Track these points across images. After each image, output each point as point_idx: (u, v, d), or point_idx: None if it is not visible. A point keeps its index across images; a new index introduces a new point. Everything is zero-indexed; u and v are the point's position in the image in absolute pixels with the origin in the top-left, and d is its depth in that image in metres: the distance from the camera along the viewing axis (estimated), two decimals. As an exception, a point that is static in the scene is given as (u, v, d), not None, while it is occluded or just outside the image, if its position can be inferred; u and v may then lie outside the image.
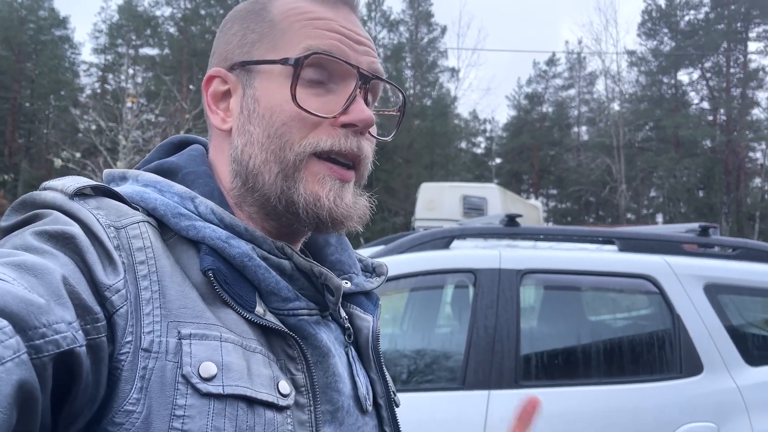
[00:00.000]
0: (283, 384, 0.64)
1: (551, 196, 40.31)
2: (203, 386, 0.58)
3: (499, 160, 41.30)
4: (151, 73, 32.53)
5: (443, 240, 2.70)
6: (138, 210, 0.67)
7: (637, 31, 36.40)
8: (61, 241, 0.58)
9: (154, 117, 18.91)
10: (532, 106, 40.25)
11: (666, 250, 2.75)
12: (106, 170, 0.77)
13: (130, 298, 0.59)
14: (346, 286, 0.79)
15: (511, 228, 2.84)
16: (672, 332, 2.54)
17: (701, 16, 35.34)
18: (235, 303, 0.65)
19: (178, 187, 0.71)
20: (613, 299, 2.92)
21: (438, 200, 14.05)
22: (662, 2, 36.01)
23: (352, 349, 0.79)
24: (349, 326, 0.79)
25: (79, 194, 0.64)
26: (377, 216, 30.13)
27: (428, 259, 2.62)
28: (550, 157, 38.70)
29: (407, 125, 31.61)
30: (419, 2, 37.28)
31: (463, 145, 41.21)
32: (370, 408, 0.76)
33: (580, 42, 43.26)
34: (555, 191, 39.92)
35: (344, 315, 0.79)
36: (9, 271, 0.51)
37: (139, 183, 0.72)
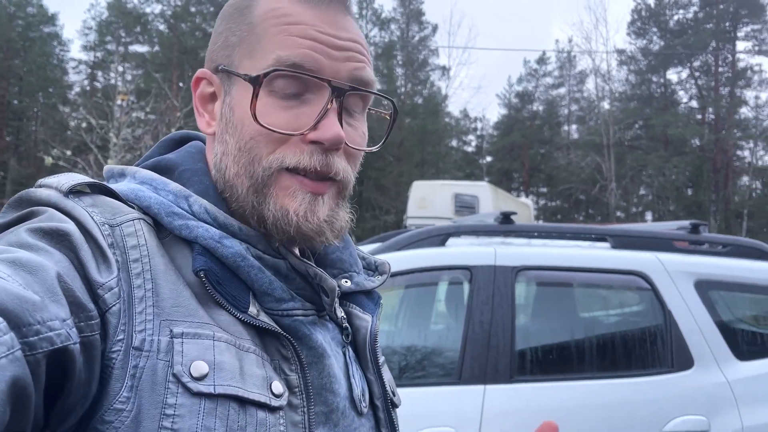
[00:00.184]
0: (276, 384, 0.64)
1: (541, 194, 40.46)
2: (194, 385, 0.58)
3: (489, 159, 41.42)
4: (141, 70, 32.37)
5: (439, 237, 2.74)
6: (133, 208, 0.67)
7: (627, 30, 36.60)
8: (56, 238, 0.58)
9: (143, 115, 18.82)
10: (523, 105, 40.37)
11: (658, 247, 2.80)
12: (107, 166, 0.77)
13: (123, 296, 0.58)
14: (346, 285, 0.79)
15: (506, 225, 2.88)
16: (663, 328, 2.59)
17: (690, 15, 35.57)
18: (228, 303, 0.64)
19: (173, 185, 0.70)
20: (605, 295, 2.97)
21: (430, 198, 14.09)
22: (651, 1, 36.22)
23: (350, 349, 0.77)
24: (347, 326, 0.77)
25: (74, 191, 0.64)
26: (368, 214, 30.19)
27: (425, 256, 2.65)
28: (541, 156, 38.84)
29: (398, 123, 31.59)
30: (410, 0, 37.29)
31: (454, 143, 41.29)
32: (365, 410, 0.75)
33: (570, 41, 43.41)
34: (545, 189, 40.07)
35: (342, 315, 0.77)
36: (4, 267, 0.51)
37: (136, 180, 0.72)
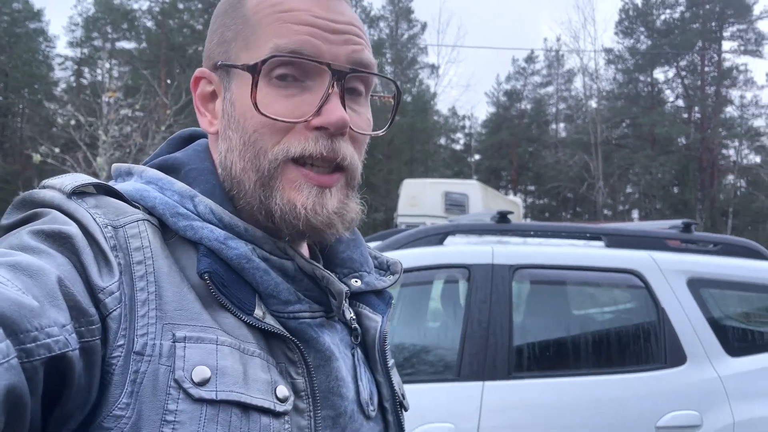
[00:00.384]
0: (281, 388, 0.63)
1: (529, 193, 40.62)
2: (195, 391, 0.57)
3: (478, 157, 41.52)
4: (129, 67, 32.11)
5: (437, 236, 2.78)
6: (138, 208, 0.66)
7: (615, 29, 36.77)
8: (58, 240, 0.57)
9: (131, 112, 18.67)
10: (511, 103, 40.49)
11: (651, 245, 2.86)
12: (114, 165, 0.76)
13: (124, 300, 0.57)
14: (356, 285, 0.77)
15: (503, 225, 2.93)
16: (657, 325, 2.65)
17: (677, 15, 35.84)
18: (233, 306, 0.63)
19: (178, 185, 0.68)
20: (600, 293, 3.03)
21: (420, 196, 14.11)
22: (639, 1, 36.46)
23: (359, 350, 0.76)
24: (357, 327, 0.76)
25: (78, 192, 0.63)
26: (358, 212, 30.01)
27: (423, 255, 2.69)
28: (529, 154, 38.98)
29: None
30: (399, -2, 37.30)
31: (443, 141, 41.36)
32: (373, 413, 0.74)
33: (558, 39, 43.53)
34: (533, 188, 40.22)
35: (352, 315, 0.76)
36: (3, 271, 0.50)
37: (143, 180, 0.70)
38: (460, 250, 2.75)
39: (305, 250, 0.77)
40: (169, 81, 30.00)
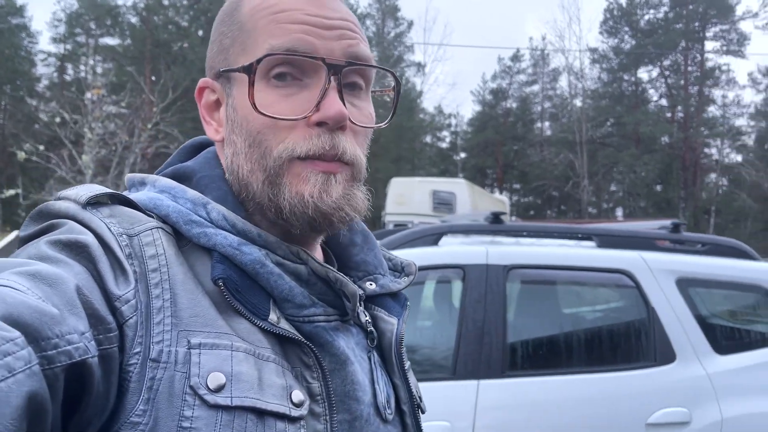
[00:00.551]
0: (297, 393, 0.63)
1: (515, 191, 40.85)
2: (211, 397, 0.57)
3: (463, 155, 41.68)
4: (113, 63, 31.80)
5: (432, 237, 2.81)
6: (152, 217, 0.66)
7: (600, 29, 37.09)
8: (75, 249, 0.58)
9: (115, 109, 18.51)
10: (497, 102, 40.68)
11: (641, 246, 2.91)
12: (128, 175, 0.77)
13: (140, 308, 0.58)
14: (371, 287, 0.78)
15: (497, 225, 2.97)
16: (647, 323, 2.70)
17: (660, 15, 36.19)
18: (247, 311, 0.63)
19: (191, 193, 0.69)
20: (592, 293, 3.09)
21: (408, 195, 14.13)
22: (623, 1, 36.76)
23: (375, 353, 0.76)
24: (372, 330, 0.76)
25: (93, 203, 0.64)
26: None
27: (419, 255, 2.72)
28: (514, 152, 39.17)
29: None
30: (386, -4, 37.32)
31: (429, 139, 41.46)
32: (390, 416, 0.74)
33: (544, 39, 43.82)
34: (518, 186, 40.47)
35: (367, 318, 0.76)
36: (23, 280, 0.51)
37: (156, 189, 0.71)
38: (454, 250, 2.78)
39: (319, 254, 0.78)
40: (154, 78, 29.76)
